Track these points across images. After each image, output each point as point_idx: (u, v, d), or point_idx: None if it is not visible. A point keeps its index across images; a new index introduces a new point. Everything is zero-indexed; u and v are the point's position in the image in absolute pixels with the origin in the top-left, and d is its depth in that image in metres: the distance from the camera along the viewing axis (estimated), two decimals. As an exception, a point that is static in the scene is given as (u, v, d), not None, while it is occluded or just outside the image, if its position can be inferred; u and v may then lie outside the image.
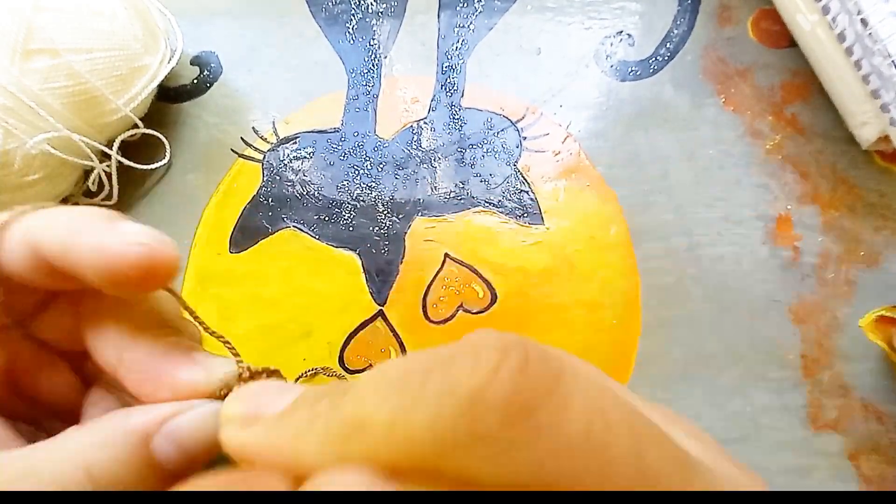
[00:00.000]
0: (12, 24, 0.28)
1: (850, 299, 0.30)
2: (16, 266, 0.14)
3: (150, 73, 0.34)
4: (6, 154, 0.29)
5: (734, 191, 0.32)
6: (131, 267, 0.13)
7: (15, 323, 0.16)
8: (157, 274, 0.13)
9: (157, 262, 0.13)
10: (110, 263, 0.13)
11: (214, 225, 0.35)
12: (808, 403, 0.29)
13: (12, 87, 0.28)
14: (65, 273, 0.14)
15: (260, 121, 0.37)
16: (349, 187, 0.35)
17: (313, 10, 0.39)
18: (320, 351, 0.32)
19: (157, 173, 0.37)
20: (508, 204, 0.34)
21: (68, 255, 0.13)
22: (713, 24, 0.35)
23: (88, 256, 0.13)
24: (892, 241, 0.31)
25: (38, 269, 0.14)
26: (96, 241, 0.13)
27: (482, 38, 0.37)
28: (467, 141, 0.35)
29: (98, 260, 0.13)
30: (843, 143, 0.32)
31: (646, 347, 0.31)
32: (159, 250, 0.13)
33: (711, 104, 0.34)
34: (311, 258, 0.34)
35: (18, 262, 0.14)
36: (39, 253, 0.14)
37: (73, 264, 0.13)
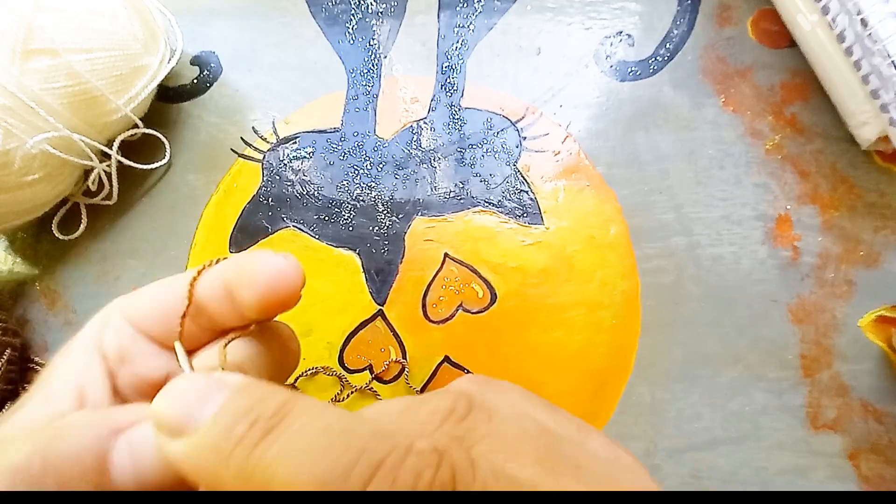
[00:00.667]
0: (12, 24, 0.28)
1: (849, 299, 0.30)
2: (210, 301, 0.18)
3: (150, 73, 0.34)
4: (6, 154, 0.29)
5: (734, 191, 0.32)
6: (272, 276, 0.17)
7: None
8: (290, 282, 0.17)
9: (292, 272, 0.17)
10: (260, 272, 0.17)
11: (214, 225, 0.35)
12: (807, 403, 0.29)
13: (12, 87, 0.28)
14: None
15: (260, 121, 0.37)
16: (349, 187, 0.35)
17: (313, 10, 0.39)
18: (320, 350, 0.32)
19: (157, 173, 0.37)
20: (508, 204, 0.34)
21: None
22: (713, 24, 0.35)
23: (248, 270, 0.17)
24: (891, 241, 0.31)
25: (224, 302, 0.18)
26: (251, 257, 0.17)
27: (482, 38, 0.37)
28: (467, 141, 0.35)
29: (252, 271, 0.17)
30: (843, 143, 0.32)
31: (646, 347, 0.31)
32: (294, 263, 0.17)
33: (711, 104, 0.34)
34: (311, 258, 0.34)
35: (213, 298, 0.18)
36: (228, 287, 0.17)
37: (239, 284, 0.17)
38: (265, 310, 0.17)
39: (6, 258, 0.37)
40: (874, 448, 0.29)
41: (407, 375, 0.31)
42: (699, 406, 0.30)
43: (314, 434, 0.12)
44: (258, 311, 0.17)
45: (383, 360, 0.32)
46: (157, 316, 0.18)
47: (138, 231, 0.36)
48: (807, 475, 0.29)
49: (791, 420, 0.29)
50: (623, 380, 0.31)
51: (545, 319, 0.32)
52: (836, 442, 0.29)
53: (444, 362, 0.32)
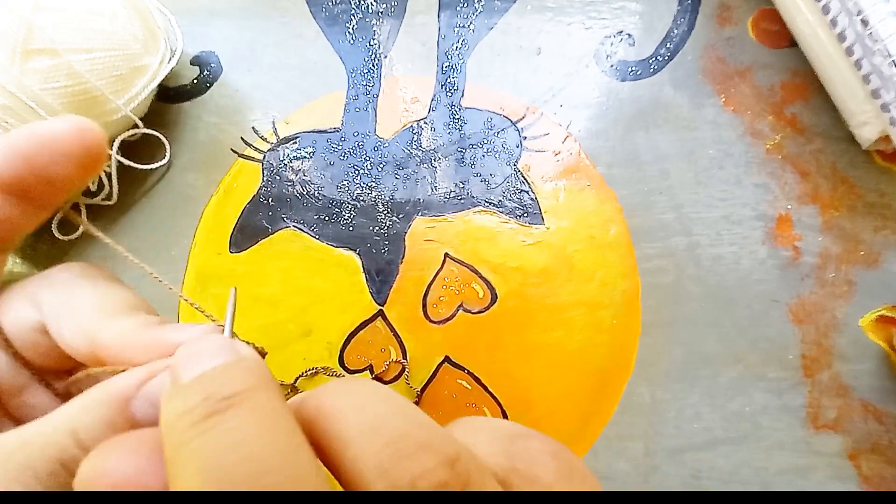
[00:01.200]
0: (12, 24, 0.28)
1: (849, 299, 0.30)
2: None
3: (150, 73, 0.34)
4: (6, 154, 0.29)
5: (734, 191, 0.32)
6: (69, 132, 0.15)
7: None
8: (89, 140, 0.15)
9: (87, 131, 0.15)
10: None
11: (214, 225, 0.35)
12: (807, 403, 0.29)
13: (12, 87, 0.28)
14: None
15: (260, 121, 0.37)
16: (349, 187, 0.35)
17: (313, 10, 0.39)
18: (320, 351, 0.32)
19: (157, 173, 0.37)
20: (508, 204, 0.34)
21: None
22: (713, 24, 0.35)
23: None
24: (892, 241, 0.31)
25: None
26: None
27: (482, 38, 0.37)
28: (467, 141, 0.35)
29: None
30: (843, 143, 0.32)
31: (646, 347, 0.31)
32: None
33: (711, 104, 0.34)
34: (311, 258, 0.34)
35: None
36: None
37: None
38: (80, 178, 0.16)
39: (6, 258, 0.37)
40: (874, 448, 0.29)
41: (407, 376, 0.31)
42: (699, 406, 0.30)
43: (236, 435, 0.11)
44: (73, 178, 0.15)
45: (384, 361, 0.32)
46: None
47: (138, 231, 0.36)
48: (807, 475, 0.29)
49: (791, 420, 0.29)
50: (623, 380, 0.31)
51: (545, 319, 0.32)
52: (836, 442, 0.29)
53: (444, 362, 0.32)
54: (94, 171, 0.16)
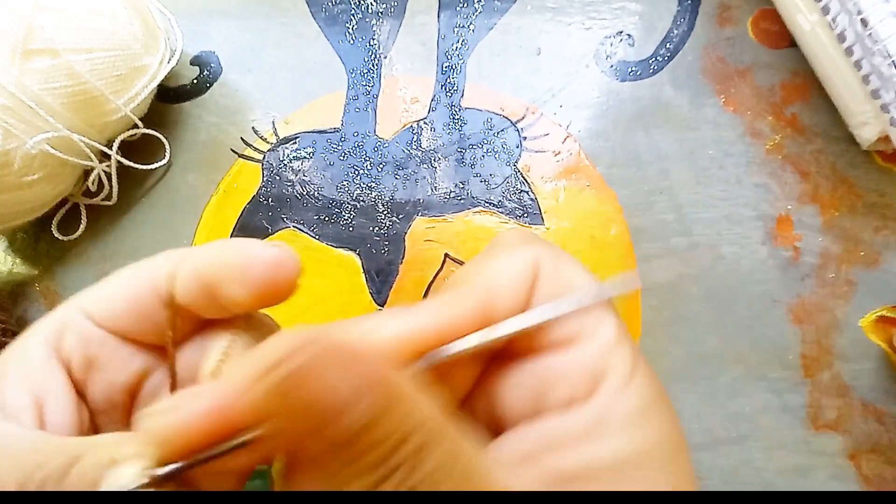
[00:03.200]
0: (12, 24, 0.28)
1: (849, 299, 0.30)
2: (187, 296, 0.16)
3: (150, 73, 0.34)
4: (6, 154, 0.29)
5: (734, 191, 0.32)
6: (266, 264, 0.15)
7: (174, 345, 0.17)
8: (284, 275, 0.15)
9: (284, 264, 0.15)
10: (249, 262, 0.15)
11: (214, 225, 0.35)
12: (807, 403, 0.29)
13: (12, 87, 0.28)
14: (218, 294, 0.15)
15: (260, 121, 0.37)
16: (349, 187, 0.35)
17: (313, 10, 0.39)
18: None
19: (157, 173, 0.37)
20: (508, 204, 0.34)
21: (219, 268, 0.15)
22: (713, 24, 0.35)
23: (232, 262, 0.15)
24: (892, 241, 0.31)
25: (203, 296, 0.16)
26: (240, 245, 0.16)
27: (482, 38, 0.37)
28: (467, 141, 0.35)
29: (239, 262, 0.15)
30: (843, 143, 0.32)
31: (646, 347, 0.31)
32: (288, 253, 0.15)
33: (711, 104, 0.34)
34: (311, 258, 0.34)
35: (190, 293, 0.16)
36: (204, 282, 0.16)
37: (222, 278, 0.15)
38: (256, 305, 0.16)
39: (6, 259, 0.37)
40: (875, 448, 0.29)
41: (407, 375, 0.31)
42: (699, 406, 0.30)
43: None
44: (249, 307, 0.16)
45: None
46: (129, 314, 0.16)
47: (138, 231, 0.36)
48: (807, 475, 0.29)
49: (791, 420, 0.29)
50: (623, 380, 0.31)
51: (545, 319, 0.32)
52: (836, 442, 0.29)
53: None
54: (272, 304, 0.16)
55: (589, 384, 0.14)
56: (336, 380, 0.11)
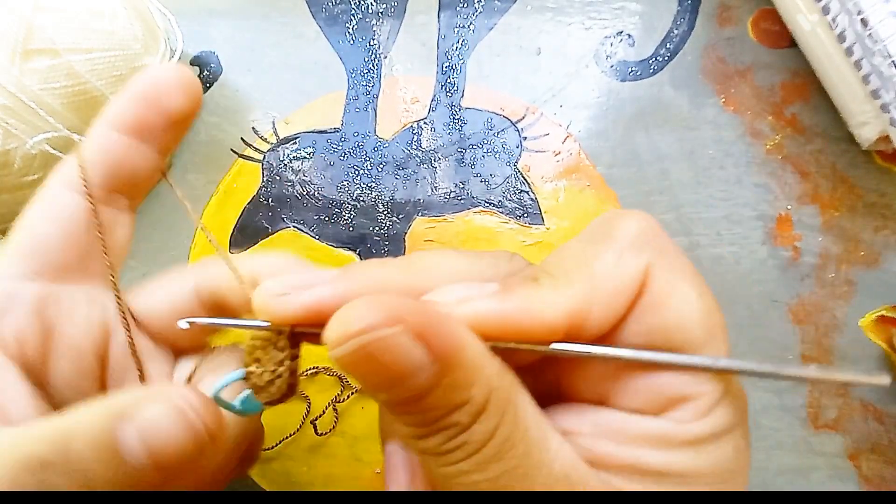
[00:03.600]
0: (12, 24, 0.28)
1: (849, 299, 0.30)
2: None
3: (150, 73, 0.34)
4: (6, 154, 0.29)
5: (734, 191, 0.32)
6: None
7: None
8: None
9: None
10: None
11: (214, 225, 0.35)
12: (808, 403, 0.29)
13: (12, 87, 0.28)
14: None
15: (260, 121, 0.37)
16: (349, 187, 0.35)
17: (313, 10, 0.39)
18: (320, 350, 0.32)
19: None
20: (508, 204, 0.34)
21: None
22: (713, 24, 0.35)
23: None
24: (892, 241, 0.31)
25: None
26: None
27: (482, 38, 0.37)
28: (467, 141, 0.35)
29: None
30: (843, 143, 0.32)
31: (646, 347, 0.31)
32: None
33: (711, 104, 0.34)
34: (311, 258, 0.34)
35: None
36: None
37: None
38: (192, 111, 0.17)
39: (6, 258, 0.37)
40: (874, 448, 0.29)
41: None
42: (699, 406, 0.30)
43: None
44: (186, 116, 0.17)
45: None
46: (62, 244, 0.17)
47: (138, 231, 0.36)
48: (807, 475, 0.29)
49: (791, 420, 0.29)
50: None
51: (545, 319, 0.32)
52: (836, 442, 0.29)
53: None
54: (196, 103, 0.17)
55: (668, 403, 0.14)
56: (410, 348, 0.12)
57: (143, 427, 0.14)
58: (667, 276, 0.14)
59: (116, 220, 0.18)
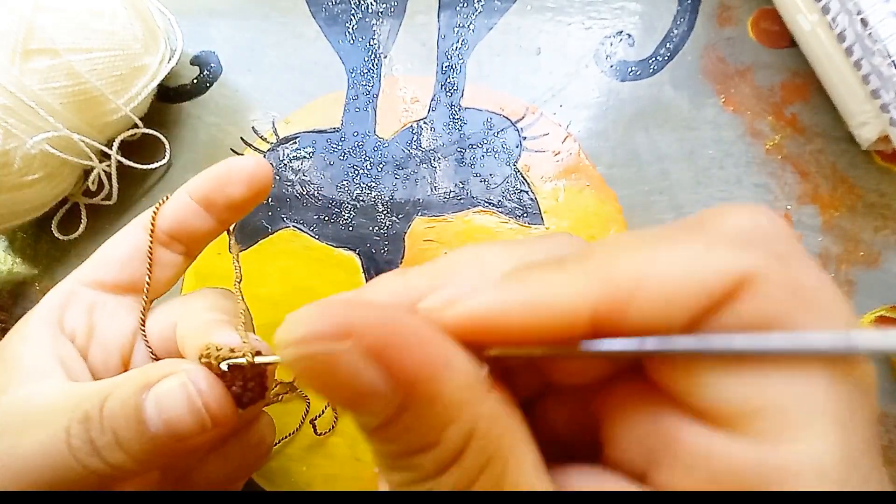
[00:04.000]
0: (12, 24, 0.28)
1: (849, 299, 0.30)
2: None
3: (150, 73, 0.34)
4: (6, 154, 0.29)
5: (734, 191, 0.32)
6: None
7: None
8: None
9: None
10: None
11: (214, 225, 0.35)
12: (807, 403, 0.29)
13: (12, 87, 0.28)
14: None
15: (260, 121, 0.37)
16: (349, 187, 0.35)
17: (313, 10, 0.39)
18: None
19: (157, 173, 0.37)
20: (508, 204, 0.34)
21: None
22: (713, 24, 0.35)
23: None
24: (892, 241, 0.31)
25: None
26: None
27: (482, 38, 0.37)
28: (467, 141, 0.35)
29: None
30: (843, 143, 0.32)
31: (645, 347, 0.31)
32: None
33: (711, 104, 0.34)
34: (311, 258, 0.34)
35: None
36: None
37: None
38: (251, 201, 0.21)
39: (6, 258, 0.37)
40: (874, 448, 0.28)
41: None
42: (699, 406, 0.30)
43: None
44: (244, 204, 0.21)
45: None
46: (121, 264, 0.20)
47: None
48: (807, 475, 0.29)
49: (791, 420, 0.29)
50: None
51: (545, 319, 0.32)
52: (836, 442, 0.29)
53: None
54: (260, 195, 0.21)
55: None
56: (361, 370, 0.10)
57: (159, 396, 0.16)
58: (778, 294, 0.10)
59: (170, 259, 0.21)
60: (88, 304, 0.20)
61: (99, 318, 0.20)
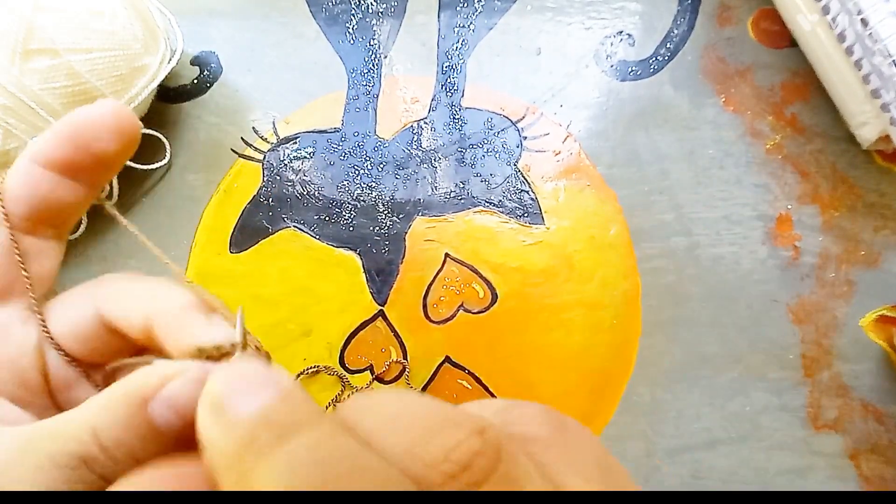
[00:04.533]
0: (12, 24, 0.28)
1: (849, 299, 0.30)
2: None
3: (150, 73, 0.34)
4: (6, 154, 0.29)
5: (734, 191, 0.32)
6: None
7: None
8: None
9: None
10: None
11: (214, 225, 0.35)
12: (808, 403, 0.29)
13: (12, 87, 0.28)
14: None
15: (260, 121, 0.37)
16: (349, 187, 0.35)
17: (313, 10, 0.39)
18: (320, 351, 0.32)
19: (157, 173, 0.37)
20: (509, 204, 0.34)
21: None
22: (713, 24, 0.35)
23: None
24: (892, 241, 0.31)
25: None
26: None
27: (482, 38, 0.37)
28: (467, 141, 0.35)
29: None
30: (843, 143, 0.32)
31: (646, 347, 0.31)
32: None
33: (711, 104, 0.34)
34: (312, 258, 0.34)
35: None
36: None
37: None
38: (123, 153, 0.17)
39: (6, 258, 0.37)
40: (874, 448, 0.29)
41: (408, 376, 0.31)
42: (699, 406, 0.30)
43: (308, 460, 0.12)
44: (118, 157, 0.17)
45: (384, 361, 0.32)
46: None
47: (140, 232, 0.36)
48: (807, 475, 0.29)
49: (791, 420, 0.29)
50: (623, 380, 0.31)
51: (546, 319, 0.32)
52: (836, 442, 0.29)
53: (444, 362, 0.32)
54: (132, 145, 0.17)
55: None
56: None
57: (169, 398, 0.14)
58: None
59: (41, 248, 0.18)
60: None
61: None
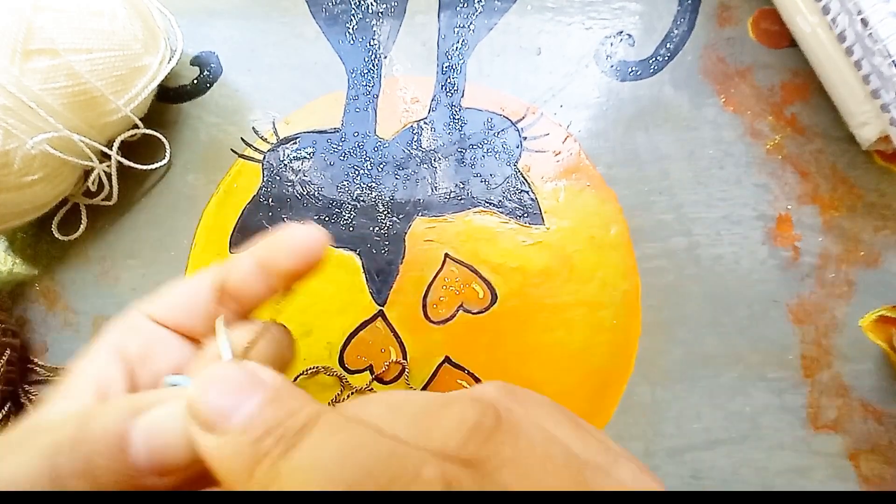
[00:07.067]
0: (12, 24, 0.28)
1: (849, 299, 0.30)
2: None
3: (150, 73, 0.34)
4: (6, 154, 0.29)
5: (734, 191, 0.32)
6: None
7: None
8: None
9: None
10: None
11: (214, 225, 0.35)
12: (807, 403, 0.29)
13: (12, 87, 0.28)
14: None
15: (260, 121, 0.37)
16: (349, 187, 0.35)
17: (313, 10, 0.39)
18: (320, 351, 0.32)
19: (157, 173, 0.37)
20: (509, 204, 0.34)
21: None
22: (713, 24, 0.35)
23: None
24: (892, 241, 0.31)
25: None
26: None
27: (482, 38, 0.37)
28: (467, 141, 0.35)
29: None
30: (843, 143, 0.32)
31: (646, 347, 0.31)
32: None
33: (711, 104, 0.34)
34: (312, 258, 0.34)
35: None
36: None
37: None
38: (300, 273, 0.20)
39: (6, 259, 0.37)
40: (874, 448, 0.29)
41: (407, 376, 0.31)
42: (699, 406, 0.30)
43: (330, 453, 0.13)
44: (294, 276, 0.20)
45: (383, 361, 0.32)
46: (182, 306, 0.20)
47: (138, 231, 0.36)
48: (807, 475, 0.29)
49: (791, 420, 0.29)
50: (623, 380, 0.31)
51: (546, 320, 0.32)
52: (836, 442, 0.29)
53: (444, 363, 0.32)
54: (309, 267, 0.21)
55: None
56: None
57: (148, 426, 0.15)
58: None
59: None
60: (146, 336, 0.20)
61: (154, 348, 0.20)
